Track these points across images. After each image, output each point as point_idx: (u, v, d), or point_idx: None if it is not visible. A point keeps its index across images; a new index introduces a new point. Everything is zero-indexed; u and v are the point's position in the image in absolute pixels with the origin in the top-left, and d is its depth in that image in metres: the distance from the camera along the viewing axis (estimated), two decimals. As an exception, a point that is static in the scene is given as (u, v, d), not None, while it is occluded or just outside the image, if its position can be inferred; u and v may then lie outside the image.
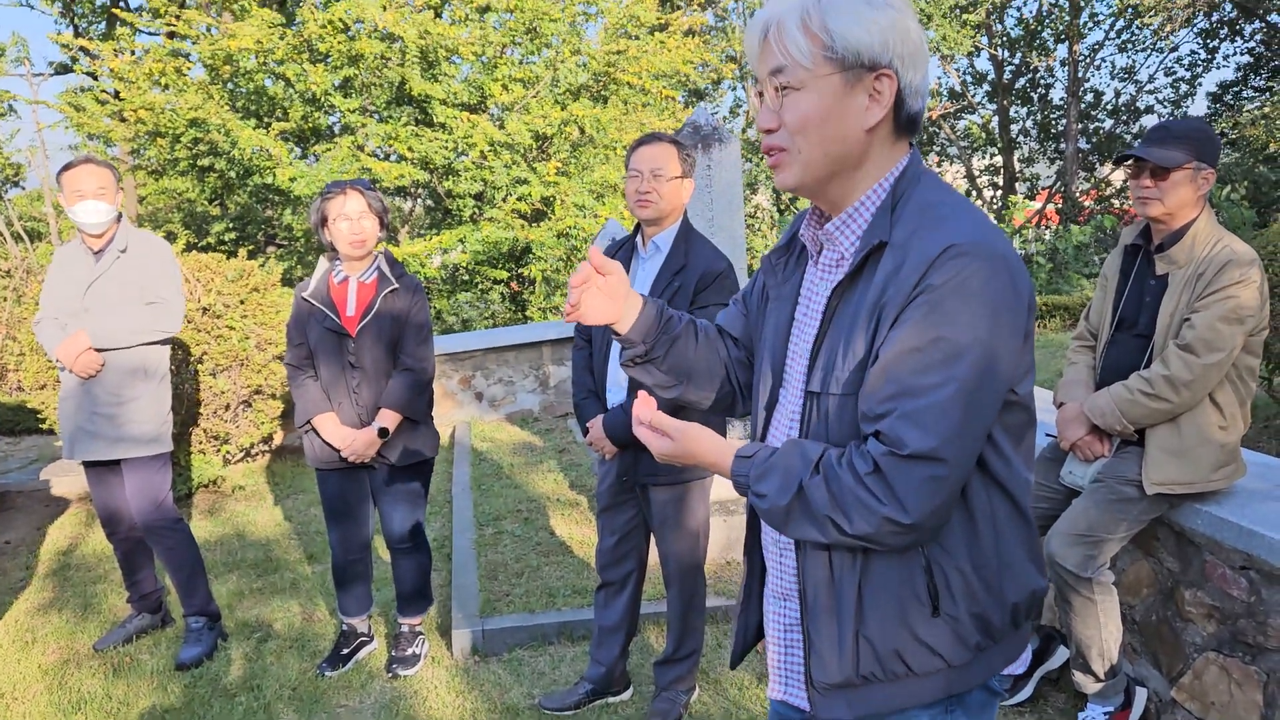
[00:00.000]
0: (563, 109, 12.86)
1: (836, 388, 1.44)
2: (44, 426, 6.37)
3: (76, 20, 18.45)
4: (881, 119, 1.43)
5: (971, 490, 1.41)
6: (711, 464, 1.53)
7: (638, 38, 13.50)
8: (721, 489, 4.42)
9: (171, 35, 13.47)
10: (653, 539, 3.35)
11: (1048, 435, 3.35)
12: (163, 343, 3.92)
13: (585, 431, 3.27)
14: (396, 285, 3.60)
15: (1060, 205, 21.71)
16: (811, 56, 1.39)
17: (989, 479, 1.42)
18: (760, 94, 1.50)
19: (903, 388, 1.33)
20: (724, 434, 3.11)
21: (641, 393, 1.60)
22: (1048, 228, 20.98)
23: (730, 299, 3.07)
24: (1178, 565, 3.06)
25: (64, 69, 17.61)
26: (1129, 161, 2.98)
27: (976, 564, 1.43)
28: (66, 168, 3.75)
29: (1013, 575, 1.46)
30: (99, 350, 3.75)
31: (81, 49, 14.80)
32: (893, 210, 1.43)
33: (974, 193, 23.87)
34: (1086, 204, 21.64)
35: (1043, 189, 24.64)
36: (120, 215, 3.88)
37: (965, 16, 20.62)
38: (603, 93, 13.61)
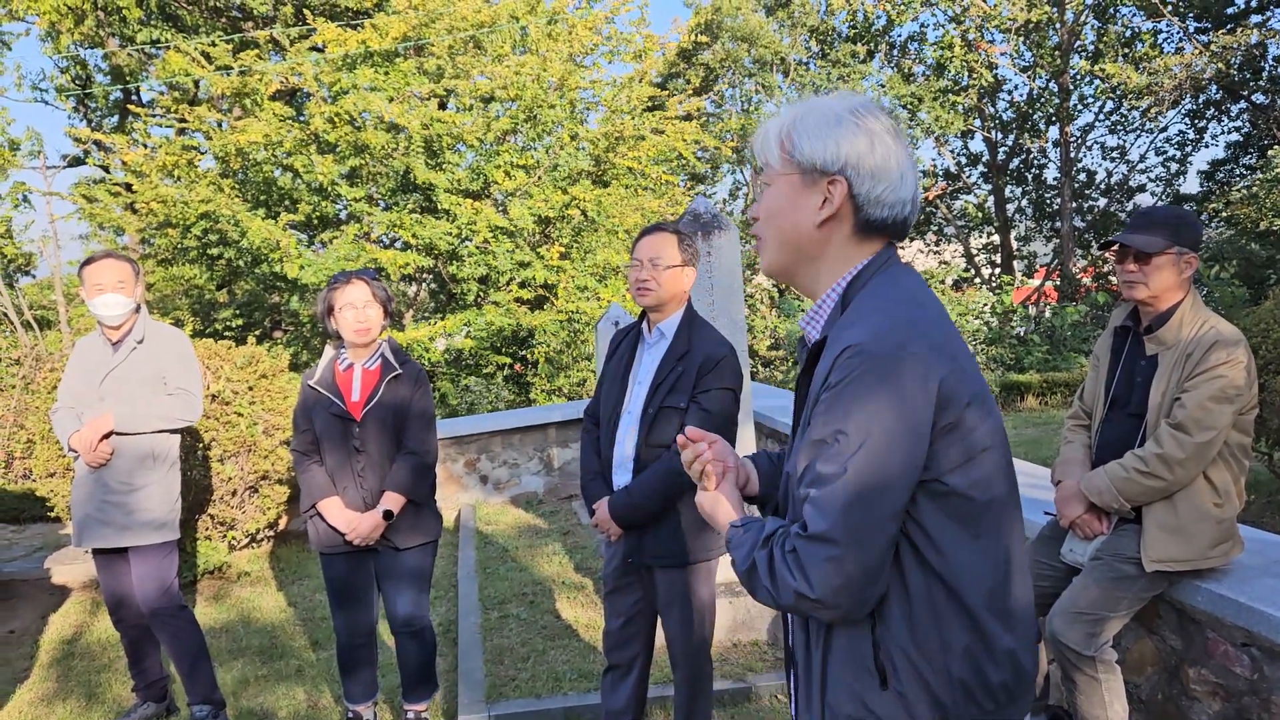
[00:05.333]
0: (564, 193, 13.11)
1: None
2: (51, 514, 6.39)
3: (90, 115, 18.96)
4: (832, 217, 1.62)
5: (908, 575, 1.51)
6: (720, 525, 1.69)
7: (632, 116, 13.80)
8: (727, 571, 4.43)
9: (182, 131, 13.82)
10: (659, 621, 3.37)
11: (1046, 513, 3.39)
12: (174, 430, 3.99)
13: (591, 513, 3.31)
14: (400, 371, 3.68)
15: (1058, 283, 21.92)
16: (780, 159, 1.66)
17: (925, 566, 1.50)
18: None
19: (813, 475, 1.48)
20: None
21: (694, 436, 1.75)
22: (1047, 305, 21.16)
23: (735, 384, 3.14)
24: (1180, 642, 3.08)
25: (77, 161, 18.02)
26: (1114, 247, 3.08)
27: (918, 644, 1.51)
28: (88, 262, 3.88)
29: (956, 657, 1.51)
30: (120, 434, 3.82)
31: (95, 142, 15.17)
32: (843, 309, 1.61)
33: (973, 270, 24.12)
34: (1084, 281, 21.86)
35: (1041, 266, 24.92)
36: (139, 307, 3.98)
37: (954, 99, 21.09)
38: (603, 177, 13.89)
